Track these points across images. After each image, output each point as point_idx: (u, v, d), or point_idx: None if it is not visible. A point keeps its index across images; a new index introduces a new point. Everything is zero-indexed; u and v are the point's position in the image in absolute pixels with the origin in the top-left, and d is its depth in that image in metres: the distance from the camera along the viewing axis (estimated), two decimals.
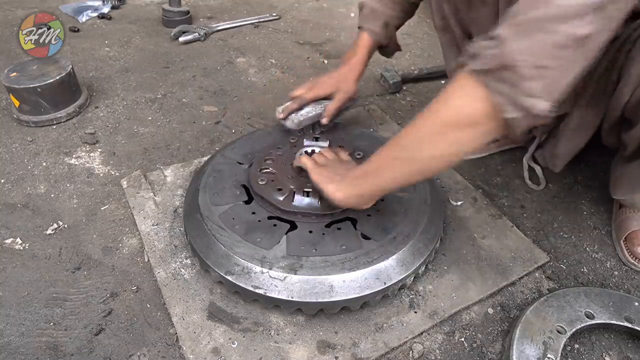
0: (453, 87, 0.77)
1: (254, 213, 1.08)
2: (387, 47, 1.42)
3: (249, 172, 1.18)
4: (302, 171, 1.10)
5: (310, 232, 1.04)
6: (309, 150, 1.21)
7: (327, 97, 1.33)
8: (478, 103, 0.73)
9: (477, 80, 0.72)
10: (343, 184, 0.94)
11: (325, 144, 1.23)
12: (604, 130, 1.10)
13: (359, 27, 1.35)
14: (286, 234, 1.03)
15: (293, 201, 1.07)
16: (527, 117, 0.71)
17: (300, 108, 1.30)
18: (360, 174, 0.93)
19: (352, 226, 1.06)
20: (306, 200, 1.07)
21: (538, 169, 1.33)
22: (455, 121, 0.76)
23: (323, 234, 1.03)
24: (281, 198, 1.07)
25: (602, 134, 1.11)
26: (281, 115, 1.31)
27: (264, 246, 1.00)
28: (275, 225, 1.05)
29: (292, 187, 1.10)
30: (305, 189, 1.07)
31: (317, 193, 1.05)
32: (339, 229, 1.05)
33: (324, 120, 1.31)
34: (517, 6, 0.71)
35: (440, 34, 1.33)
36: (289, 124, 1.30)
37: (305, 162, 1.07)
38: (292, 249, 0.99)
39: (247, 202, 1.11)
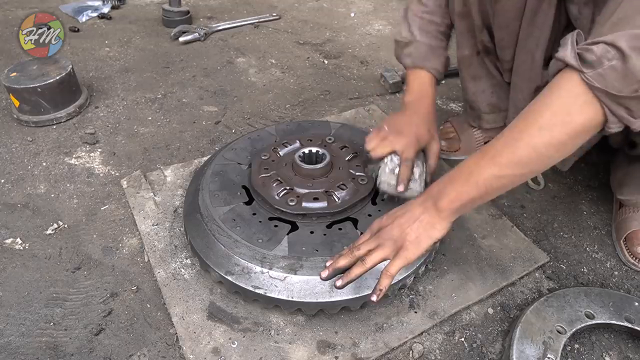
0: (563, 94, 0.76)
1: (254, 214, 1.08)
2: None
3: (249, 173, 1.18)
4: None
5: (312, 232, 1.04)
6: (306, 150, 1.20)
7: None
8: (591, 119, 0.74)
9: (593, 96, 0.72)
10: (439, 223, 0.88)
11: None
12: None
13: (416, 66, 1.21)
14: (287, 234, 1.03)
15: (301, 206, 1.06)
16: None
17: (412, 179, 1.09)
18: (449, 197, 0.86)
19: (354, 226, 1.06)
20: (313, 204, 1.07)
21: None
22: (566, 132, 0.76)
23: (324, 234, 1.03)
24: (283, 200, 1.07)
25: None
26: (401, 188, 1.05)
27: (265, 247, 1.00)
28: (276, 226, 1.05)
29: (294, 188, 1.10)
30: (314, 196, 1.07)
31: (326, 196, 1.07)
32: (340, 229, 1.05)
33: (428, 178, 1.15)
34: (623, 11, 0.70)
35: (458, 20, 1.25)
36: (410, 194, 1.07)
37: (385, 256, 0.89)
38: (293, 250, 0.99)
39: (248, 203, 1.11)
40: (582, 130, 0.76)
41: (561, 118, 0.76)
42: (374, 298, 0.88)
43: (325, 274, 0.92)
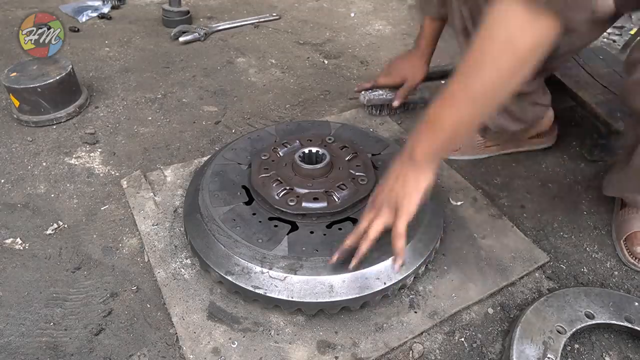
0: (504, 22, 0.74)
1: (254, 214, 1.08)
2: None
3: (249, 173, 1.18)
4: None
5: (312, 232, 1.04)
6: (306, 150, 1.20)
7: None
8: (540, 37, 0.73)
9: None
10: (421, 173, 0.89)
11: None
12: None
13: (422, 15, 1.46)
14: (287, 234, 1.03)
15: (301, 206, 1.06)
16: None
17: (374, 89, 1.61)
18: (424, 146, 0.88)
19: (354, 226, 1.05)
20: (313, 204, 1.07)
21: None
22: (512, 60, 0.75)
23: (324, 234, 1.03)
24: (283, 200, 1.07)
25: None
26: (356, 89, 1.65)
27: (265, 247, 1.00)
28: (276, 226, 1.05)
29: (294, 188, 1.10)
30: (314, 196, 1.07)
31: (326, 196, 1.07)
32: (340, 229, 1.05)
33: (395, 103, 1.58)
34: None
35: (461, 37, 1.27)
36: (360, 99, 1.63)
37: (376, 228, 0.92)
38: (293, 250, 0.99)
39: (248, 203, 1.11)
40: (530, 54, 0.75)
41: (506, 46, 0.74)
42: (396, 266, 0.96)
43: (334, 257, 0.95)
